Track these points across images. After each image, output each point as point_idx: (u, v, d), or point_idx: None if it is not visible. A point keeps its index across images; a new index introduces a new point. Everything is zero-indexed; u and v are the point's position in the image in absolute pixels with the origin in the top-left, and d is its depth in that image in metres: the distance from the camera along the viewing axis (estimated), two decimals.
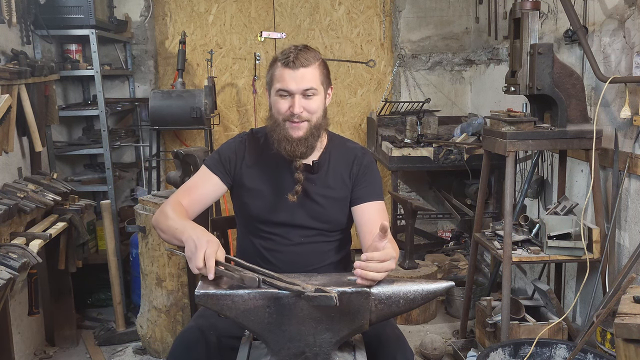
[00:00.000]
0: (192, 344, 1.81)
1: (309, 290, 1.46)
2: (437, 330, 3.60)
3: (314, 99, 1.86)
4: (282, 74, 1.84)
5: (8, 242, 2.53)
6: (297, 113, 1.83)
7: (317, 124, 1.89)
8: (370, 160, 2.04)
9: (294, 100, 1.84)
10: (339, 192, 1.97)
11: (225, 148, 2.02)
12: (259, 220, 1.97)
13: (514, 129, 2.73)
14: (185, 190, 1.98)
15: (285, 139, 1.87)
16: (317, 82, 1.86)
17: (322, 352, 1.54)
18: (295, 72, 1.82)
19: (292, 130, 1.86)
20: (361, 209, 1.96)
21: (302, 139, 1.87)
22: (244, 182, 1.98)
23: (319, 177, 1.97)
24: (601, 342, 2.43)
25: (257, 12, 4.72)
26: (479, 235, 3.09)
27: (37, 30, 3.54)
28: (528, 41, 2.71)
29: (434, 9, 4.74)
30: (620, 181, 2.68)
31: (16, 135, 3.11)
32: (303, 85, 1.83)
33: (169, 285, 3.15)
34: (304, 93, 1.84)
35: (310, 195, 1.94)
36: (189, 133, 4.74)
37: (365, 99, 4.91)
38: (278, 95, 1.87)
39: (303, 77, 1.83)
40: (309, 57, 1.85)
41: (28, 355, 3.20)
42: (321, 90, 1.89)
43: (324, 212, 1.95)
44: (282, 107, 1.86)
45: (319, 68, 1.88)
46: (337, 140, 2.05)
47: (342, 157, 2.00)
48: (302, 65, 1.83)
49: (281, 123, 1.87)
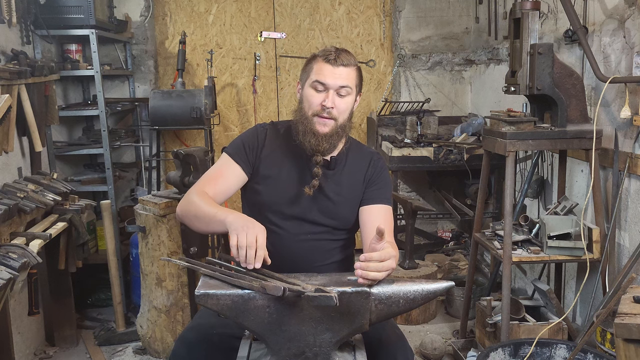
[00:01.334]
0: (193, 344, 1.81)
1: (309, 290, 1.46)
2: (437, 330, 3.60)
3: (346, 99, 1.91)
4: (322, 67, 1.89)
5: (8, 242, 2.53)
6: (328, 107, 1.87)
7: (343, 124, 1.93)
8: (384, 165, 2.08)
9: (328, 94, 1.88)
10: (352, 192, 1.99)
11: (247, 136, 2.02)
12: (270, 210, 1.96)
13: (514, 129, 2.73)
14: (209, 180, 1.96)
15: (312, 133, 1.90)
16: (352, 83, 1.92)
17: (322, 352, 1.54)
18: (335, 68, 1.88)
19: (319, 126, 1.89)
20: (369, 209, 1.98)
21: (327, 135, 1.90)
22: (260, 170, 1.98)
23: (334, 174, 1.99)
24: (601, 342, 2.43)
25: (257, 12, 4.72)
26: (479, 235, 3.09)
27: (37, 30, 3.54)
28: (528, 41, 2.71)
29: (434, 9, 4.74)
30: (620, 181, 2.68)
31: (16, 135, 3.11)
32: (340, 82, 1.88)
33: (169, 285, 3.15)
34: (338, 90, 1.89)
35: (324, 191, 1.96)
36: (189, 133, 4.74)
37: (365, 99, 4.91)
38: (313, 87, 1.90)
39: (341, 74, 1.88)
40: (349, 58, 1.92)
41: (28, 355, 3.20)
42: (354, 92, 1.94)
43: (334, 208, 1.96)
44: (314, 100, 1.90)
45: (356, 71, 1.94)
46: (355, 143, 2.09)
47: (358, 159, 2.04)
48: (342, 63, 1.88)
49: (309, 117, 1.91)
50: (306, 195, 1.92)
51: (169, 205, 3.11)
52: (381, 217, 1.95)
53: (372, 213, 1.96)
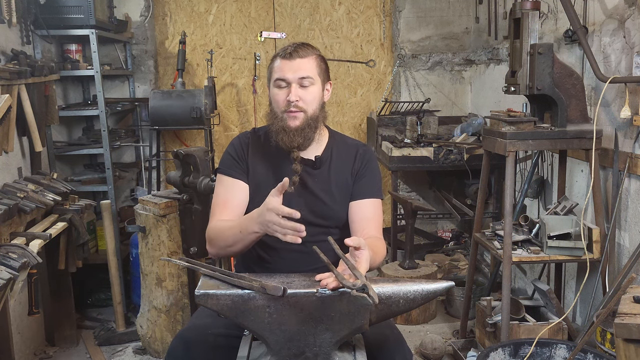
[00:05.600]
0: (190, 344, 1.81)
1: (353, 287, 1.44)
2: (437, 330, 3.60)
3: (310, 90, 1.90)
4: (280, 64, 1.90)
5: (8, 242, 2.53)
6: (293, 100, 1.87)
7: (314, 115, 1.92)
8: (372, 156, 2.05)
9: (291, 89, 1.88)
10: (341, 189, 1.98)
11: (233, 147, 2.03)
12: None
13: (514, 129, 2.73)
14: (219, 207, 1.96)
15: (283, 130, 1.90)
16: (313, 72, 1.91)
17: (322, 352, 1.54)
18: (292, 62, 1.88)
19: (289, 120, 1.89)
20: (358, 204, 1.97)
21: (299, 129, 1.89)
22: (249, 177, 1.99)
23: (321, 173, 1.98)
24: (601, 342, 2.43)
25: (257, 12, 4.72)
26: (479, 235, 3.09)
27: (37, 30, 3.54)
28: (528, 41, 2.71)
29: (434, 9, 4.74)
30: (620, 181, 2.68)
31: (16, 135, 3.11)
32: (299, 74, 1.88)
33: (169, 285, 3.15)
34: (300, 82, 1.88)
35: (313, 191, 1.95)
36: (189, 133, 4.74)
37: (365, 99, 4.91)
38: (276, 86, 1.91)
39: (299, 66, 1.88)
40: (306, 49, 1.92)
41: (28, 355, 3.20)
42: (318, 81, 1.92)
43: (325, 208, 1.95)
44: (280, 98, 1.90)
45: (316, 60, 1.93)
46: (339, 137, 2.08)
47: (344, 153, 2.02)
48: (298, 56, 1.89)
49: (279, 115, 1.91)
50: (296, 198, 1.91)
51: (169, 205, 3.11)
52: (371, 212, 1.95)
53: (361, 208, 1.96)
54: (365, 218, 1.93)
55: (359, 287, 1.42)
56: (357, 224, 1.92)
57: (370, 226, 1.91)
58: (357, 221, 1.93)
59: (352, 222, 1.96)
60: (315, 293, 1.50)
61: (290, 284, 1.55)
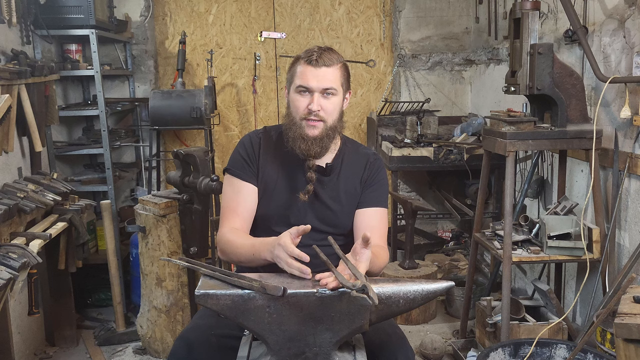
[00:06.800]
0: (192, 345, 1.81)
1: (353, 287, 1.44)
2: (437, 330, 3.60)
3: (332, 100, 1.88)
4: (304, 71, 1.86)
5: (8, 242, 2.53)
6: (314, 110, 1.84)
7: (333, 125, 1.90)
8: (381, 166, 2.04)
9: (313, 97, 1.85)
10: (349, 197, 1.97)
11: (243, 148, 2.00)
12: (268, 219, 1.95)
13: (514, 129, 2.73)
14: (230, 212, 1.95)
15: (301, 138, 1.87)
16: (337, 83, 1.88)
17: (322, 352, 1.54)
18: (318, 70, 1.84)
19: (308, 129, 1.87)
20: (363, 213, 1.96)
21: (318, 138, 1.87)
22: (259, 180, 1.97)
23: (331, 180, 1.97)
24: (601, 342, 2.43)
25: (257, 12, 4.72)
26: (479, 235, 3.09)
27: (37, 30, 3.54)
28: (528, 41, 2.71)
29: (434, 9, 4.74)
30: (620, 181, 2.68)
31: (16, 135, 3.11)
32: (323, 84, 1.85)
33: (169, 285, 3.15)
34: (323, 92, 1.86)
35: (322, 198, 1.94)
36: (189, 133, 4.74)
37: (365, 99, 4.91)
38: (298, 92, 1.88)
39: (324, 76, 1.84)
40: (332, 57, 1.87)
41: (28, 355, 3.20)
42: (340, 92, 1.90)
43: (332, 215, 1.95)
44: (300, 105, 1.87)
45: (340, 70, 1.90)
46: (350, 145, 2.06)
47: (355, 162, 2.01)
48: (324, 64, 1.85)
49: (298, 121, 1.88)
50: (303, 203, 1.90)
51: (169, 205, 3.11)
52: (376, 221, 1.95)
53: (367, 217, 1.95)
54: (370, 226, 1.92)
55: (358, 288, 1.42)
56: (362, 231, 1.91)
57: (374, 235, 1.90)
58: (361, 229, 1.92)
59: (357, 229, 1.95)
60: (315, 293, 1.50)
61: (290, 284, 1.55)
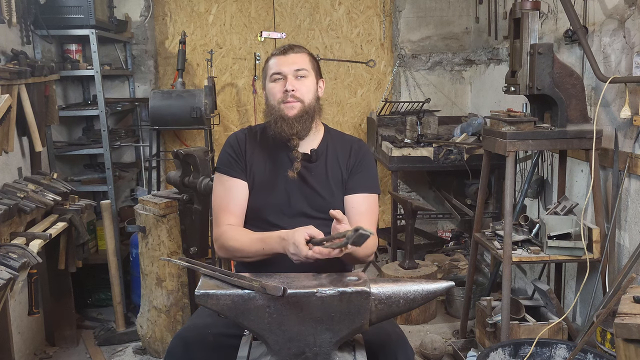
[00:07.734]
0: (189, 343, 1.81)
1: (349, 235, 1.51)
2: (437, 330, 3.60)
3: (305, 81, 1.98)
4: (275, 60, 2.00)
5: (8, 242, 2.53)
6: (289, 90, 1.94)
7: (310, 105, 1.98)
8: (367, 151, 2.09)
9: (287, 80, 1.95)
10: (337, 182, 2.01)
11: (230, 146, 2.06)
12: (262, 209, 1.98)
13: (514, 129, 2.73)
14: (222, 210, 1.99)
15: (281, 118, 1.95)
16: (307, 65, 1.99)
17: (322, 352, 1.55)
18: (287, 56, 1.98)
19: (287, 110, 1.95)
20: (351, 199, 2.00)
21: (297, 117, 1.95)
22: (249, 174, 2.01)
23: (317, 167, 2.01)
24: (601, 342, 2.43)
25: (257, 12, 4.72)
26: (479, 235, 3.09)
27: (37, 30, 3.54)
28: (528, 41, 2.71)
29: (434, 9, 4.74)
30: (620, 181, 2.68)
31: (16, 135, 3.11)
32: (294, 67, 1.97)
33: (169, 285, 3.15)
34: (295, 74, 1.96)
35: (311, 184, 1.98)
36: (189, 133, 4.74)
37: (365, 99, 4.91)
38: (272, 80, 1.99)
39: (294, 60, 1.98)
40: (299, 47, 2.03)
41: (28, 355, 3.20)
42: (312, 75, 2.01)
43: (323, 201, 1.97)
44: (276, 90, 1.98)
45: (309, 57, 2.03)
46: (335, 133, 2.13)
47: (339, 148, 2.06)
48: (292, 51, 2.00)
49: (276, 106, 1.97)
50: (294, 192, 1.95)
51: (169, 205, 3.11)
52: (364, 206, 1.98)
53: (355, 203, 1.99)
54: (359, 212, 1.96)
55: (351, 234, 1.49)
56: (350, 218, 1.93)
57: (362, 220, 1.92)
58: (350, 215, 1.95)
59: (347, 216, 1.95)
60: (315, 293, 1.50)
61: (290, 284, 1.55)
